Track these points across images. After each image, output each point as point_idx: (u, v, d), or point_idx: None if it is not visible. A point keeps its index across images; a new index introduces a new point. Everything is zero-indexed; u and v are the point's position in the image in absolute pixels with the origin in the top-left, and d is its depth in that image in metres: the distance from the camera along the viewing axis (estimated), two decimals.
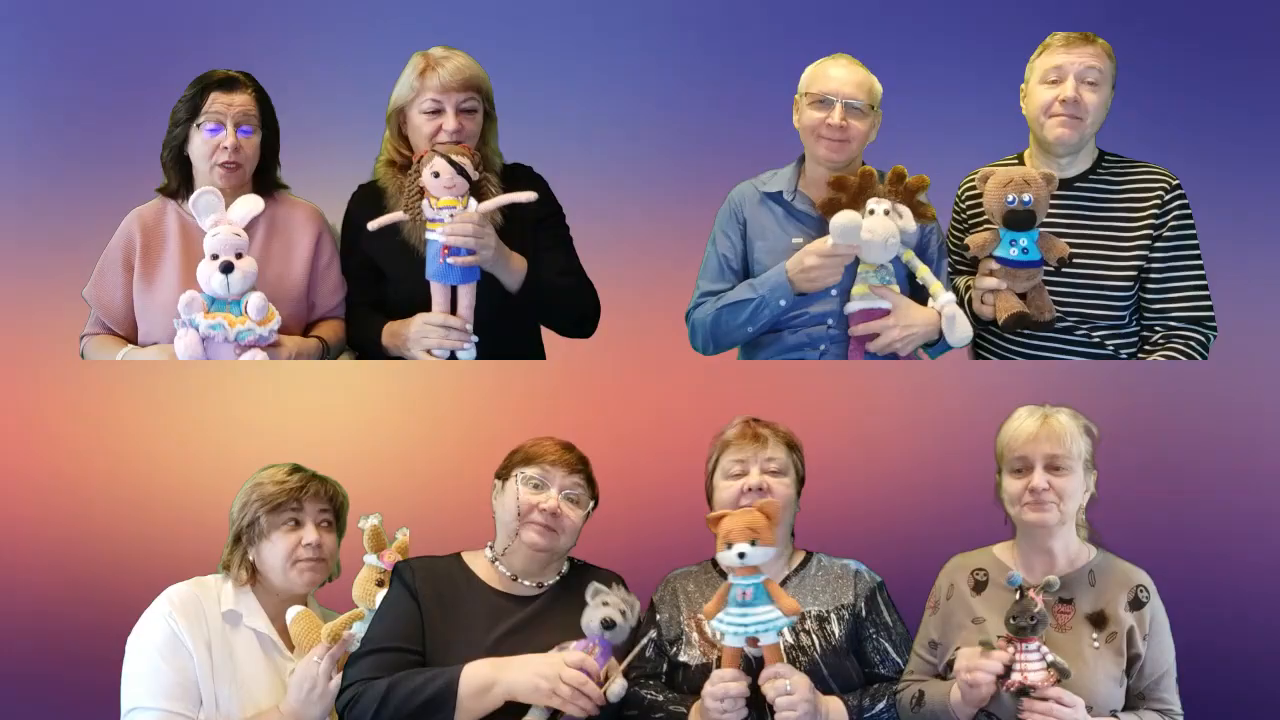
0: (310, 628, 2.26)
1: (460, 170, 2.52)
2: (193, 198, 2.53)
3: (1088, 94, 2.62)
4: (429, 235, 2.55)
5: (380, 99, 2.72)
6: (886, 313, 2.59)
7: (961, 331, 2.59)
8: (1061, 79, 2.63)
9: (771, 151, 2.84)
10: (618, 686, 2.13)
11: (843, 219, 2.53)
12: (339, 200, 2.79)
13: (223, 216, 2.50)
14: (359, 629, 2.28)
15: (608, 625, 2.14)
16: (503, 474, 2.36)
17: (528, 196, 2.58)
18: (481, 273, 2.59)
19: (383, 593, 2.32)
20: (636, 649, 2.19)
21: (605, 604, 2.16)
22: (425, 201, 2.54)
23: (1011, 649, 2.11)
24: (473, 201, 2.54)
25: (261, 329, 2.50)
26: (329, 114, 3.19)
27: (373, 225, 2.59)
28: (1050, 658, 2.11)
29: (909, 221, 2.56)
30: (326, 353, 2.69)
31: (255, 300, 2.49)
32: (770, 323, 2.68)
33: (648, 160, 3.44)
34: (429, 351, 2.61)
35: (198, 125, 2.58)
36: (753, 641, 2.14)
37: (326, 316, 2.74)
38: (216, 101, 2.57)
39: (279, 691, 2.25)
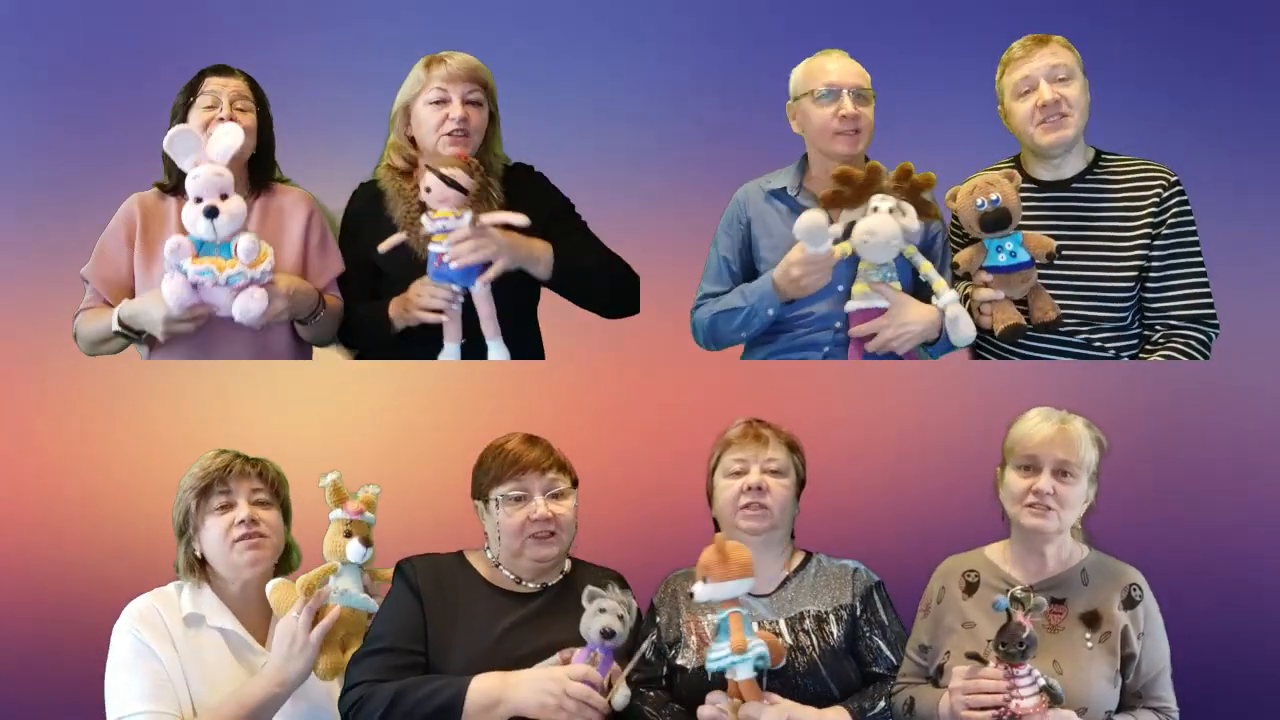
0: (288, 592, 2.25)
1: (450, 183, 2.49)
2: (168, 137, 2.43)
3: (1064, 90, 2.61)
4: (431, 247, 2.55)
5: (381, 98, 2.72)
6: (884, 311, 2.56)
7: (965, 331, 2.55)
8: (1033, 87, 2.62)
9: (778, 148, 2.83)
10: (621, 696, 2.13)
11: (806, 220, 2.48)
12: (340, 200, 2.79)
13: (202, 156, 2.40)
14: (335, 582, 2.25)
15: (607, 635, 2.15)
16: (479, 495, 2.34)
17: (520, 220, 2.55)
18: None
19: (353, 543, 2.25)
20: (636, 656, 2.20)
21: (602, 610, 2.17)
22: (425, 215, 2.53)
23: (1002, 671, 2.08)
24: (467, 213, 2.50)
25: (252, 270, 2.39)
26: (330, 114, 3.20)
27: (383, 248, 2.59)
28: (1042, 681, 2.08)
29: (912, 220, 2.52)
30: (320, 307, 2.61)
31: (245, 242, 2.39)
32: (763, 328, 2.67)
33: (650, 159, 3.43)
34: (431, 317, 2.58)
35: (193, 105, 2.58)
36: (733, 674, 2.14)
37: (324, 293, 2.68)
38: (211, 83, 2.60)
39: None
